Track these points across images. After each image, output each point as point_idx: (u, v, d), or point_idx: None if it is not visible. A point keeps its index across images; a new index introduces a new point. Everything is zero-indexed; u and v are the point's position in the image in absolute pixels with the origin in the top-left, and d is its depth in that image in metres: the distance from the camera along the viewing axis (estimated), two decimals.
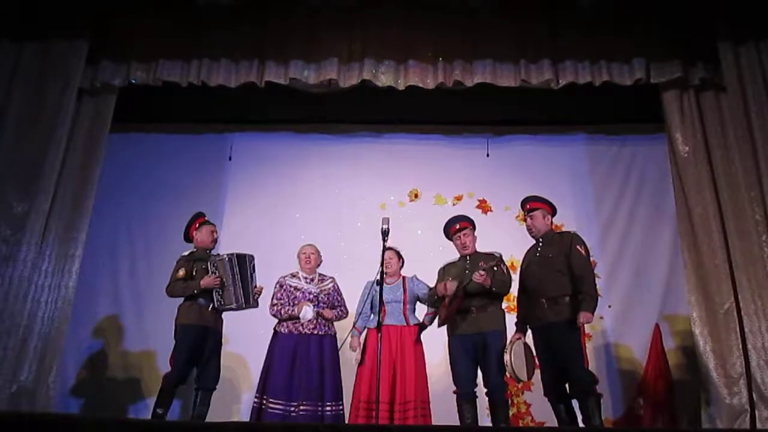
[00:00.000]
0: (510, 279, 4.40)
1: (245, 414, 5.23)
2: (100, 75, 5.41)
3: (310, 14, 5.39)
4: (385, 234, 4.25)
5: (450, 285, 4.34)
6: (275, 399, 4.50)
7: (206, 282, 4.55)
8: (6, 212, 4.97)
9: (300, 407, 4.47)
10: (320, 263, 4.94)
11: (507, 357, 4.13)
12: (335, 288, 4.90)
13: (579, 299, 4.02)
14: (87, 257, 5.40)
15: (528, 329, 4.33)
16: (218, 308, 4.62)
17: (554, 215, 4.45)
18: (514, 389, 5.37)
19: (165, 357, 4.75)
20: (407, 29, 5.37)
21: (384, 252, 4.37)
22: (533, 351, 4.29)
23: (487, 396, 4.31)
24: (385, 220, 4.27)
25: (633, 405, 5.43)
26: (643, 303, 5.68)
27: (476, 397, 4.34)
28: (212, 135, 6.40)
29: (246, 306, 4.65)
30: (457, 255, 4.59)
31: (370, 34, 5.37)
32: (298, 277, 4.86)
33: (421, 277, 4.86)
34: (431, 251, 5.40)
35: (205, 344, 4.53)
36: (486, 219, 5.94)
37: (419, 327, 4.73)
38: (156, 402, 4.47)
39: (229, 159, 6.31)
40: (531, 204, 4.40)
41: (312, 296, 4.75)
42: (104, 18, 5.42)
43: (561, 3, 5.28)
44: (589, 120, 6.22)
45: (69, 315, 5.10)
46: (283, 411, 4.45)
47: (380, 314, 4.28)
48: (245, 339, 5.39)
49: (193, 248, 4.76)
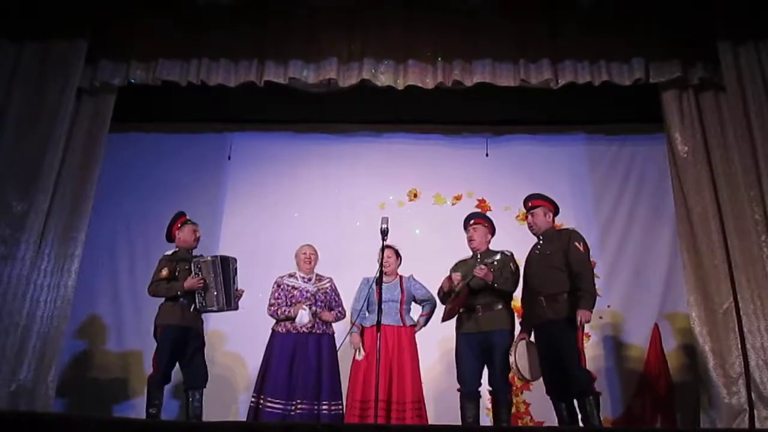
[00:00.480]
0: (516, 277, 4.39)
1: (243, 414, 5.23)
2: (100, 74, 5.40)
3: (310, 14, 5.39)
4: (385, 233, 4.25)
5: (455, 276, 4.35)
6: (273, 398, 4.50)
7: (189, 283, 4.55)
8: (5, 211, 4.97)
9: (298, 406, 4.48)
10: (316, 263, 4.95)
11: (512, 357, 4.13)
12: (333, 288, 4.90)
13: (577, 296, 4.02)
14: (86, 257, 5.39)
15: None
16: (199, 309, 4.63)
17: (557, 214, 4.44)
18: (514, 388, 5.36)
19: None
20: (407, 29, 5.36)
21: (383, 251, 4.37)
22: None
23: (491, 395, 4.31)
24: (385, 220, 4.27)
25: (632, 404, 5.42)
26: (643, 303, 5.67)
27: (480, 397, 4.33)
28: (211, 134, 6.39)
29: (227, 308, 4.66)
30: (470, 253, 4.59)
31: (370, 34, 5.37)
32: (296, 277, 4.86)
33: (420, 277, 4.86)
34: (430, 251, 5.41)
35: (187, 344, 4.55)
36: None
37: (414, 327, 4.74)
38: (147, 403, 4.49)
39: (229, 158, 6.30)
40: (533, 201, 4.41)
41: (309, 295, 4.75)
42: (104, 18, 5.42)
43: (561, 3, 5.28)
44: (589, 120, 6.21)
45: (68, 314, 5.09)
46: (282, 410, 4.46)
47: (379, 314, 4.27)
48: (243, 339, 5.39)
49: (176, 248, 4.76)
